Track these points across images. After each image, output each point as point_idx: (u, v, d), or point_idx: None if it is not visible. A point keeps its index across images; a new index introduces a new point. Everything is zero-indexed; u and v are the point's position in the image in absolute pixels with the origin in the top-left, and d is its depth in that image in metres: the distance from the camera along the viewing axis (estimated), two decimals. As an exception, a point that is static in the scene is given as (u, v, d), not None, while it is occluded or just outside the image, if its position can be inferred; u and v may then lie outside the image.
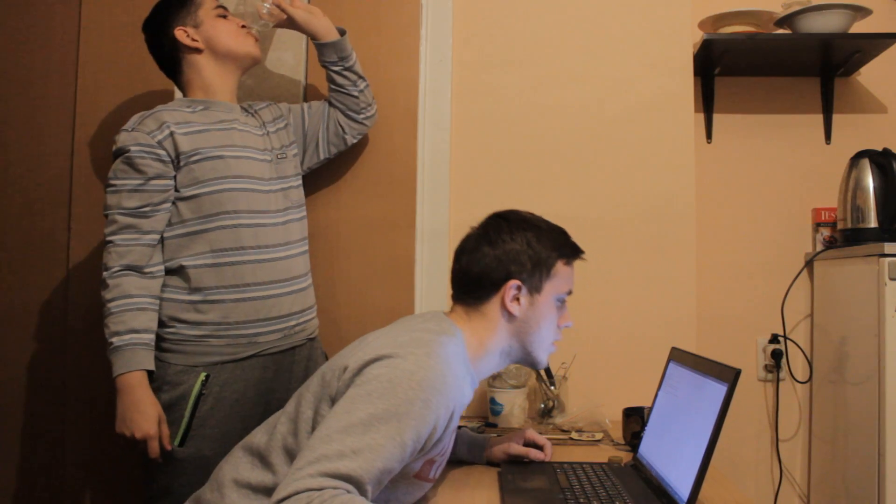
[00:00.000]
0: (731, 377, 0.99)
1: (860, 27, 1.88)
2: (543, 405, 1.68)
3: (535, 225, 1.16)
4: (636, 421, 1.46)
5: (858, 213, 1.84)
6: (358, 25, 1.75)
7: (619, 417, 1.56)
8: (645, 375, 1.67)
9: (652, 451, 1.22)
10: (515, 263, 1.11)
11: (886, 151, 1.82)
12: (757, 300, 2.04)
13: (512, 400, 1.67)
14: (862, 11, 1.83)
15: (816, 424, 1.98)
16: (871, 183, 1.82)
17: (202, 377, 1.35)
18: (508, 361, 1.17)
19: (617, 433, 1.57)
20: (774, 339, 2.01)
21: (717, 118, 2.08)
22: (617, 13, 1.89)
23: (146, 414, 1.28)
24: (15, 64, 1.85)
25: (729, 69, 2.01)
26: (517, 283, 1.11)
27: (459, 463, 1.35)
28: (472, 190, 1.88)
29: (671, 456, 1.12)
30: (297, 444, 0.99)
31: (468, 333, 1.10)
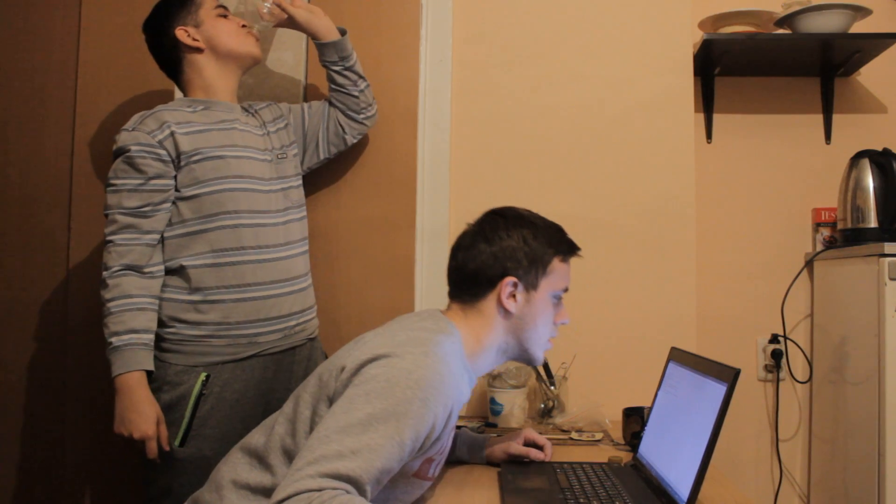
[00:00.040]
0: (730, 377, 0.99)
1: (860, 27, 1.88)
2: (543, 405, 1.68)
3: (531, 222, 1.15)
4: (636, 421, 1.46)
5: (858, 213, 1.84)
6: (358, 25, 1.75)
7: (619, 417, 1.56)
8: (645, 375, 1.67)
9: (652, 451, 1.22)
10: (512, 260, 1.11)
11: (886, 151, 1.82)
12: (757, 300, 2.04)
13: (512, 400, 1.67)
14: (862, 11, 1.83)
15: (816, 424, 1.98)
16: (871, 183, 1.82)
17: (202, 377, 1.35)
18: (505, 358, 1.17)
19: (617, 433, 1.57)
20: (774, 339, 2.01)
21: (717, 118, 2.08)
22: (617, 13, 1.89)
23: (145, 414, 1.28)
24: (15, 64, 1.85)
25: (729, 69, 2.01)
26: (513, 279, 1.11)
27: (459, 463, 1.35)
28: (472, 190, 1.88)
29: (671, 456, 1.12)
30: (295, 444, 0.98)
31: (465, 331, 1.10)
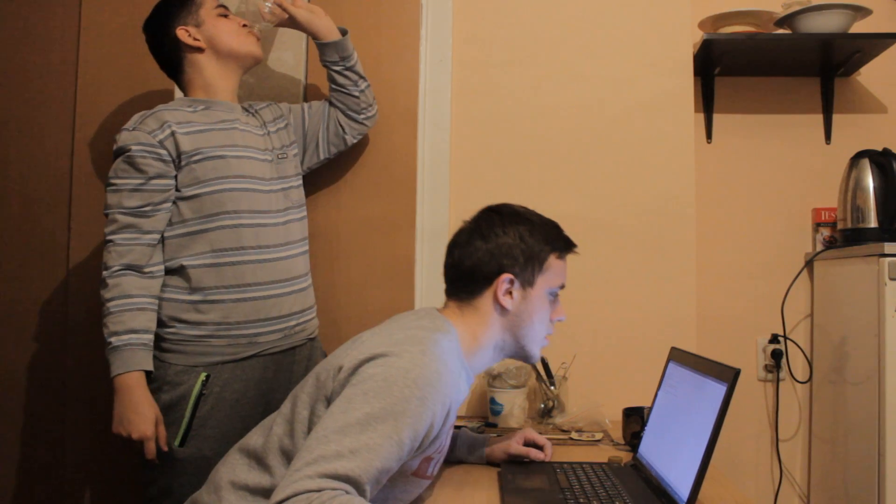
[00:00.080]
0: (730, 377, 0.99)
1: (860, 27, 1.88)
2: (543, 405, 1.68)
3: (527, 219, 1.16)
4: (636, 421, 1.46)
5: (858, 213, 1.84)
6: (358, 25, 1.75)
7: (619, 417, 1.56)
8: (645, 375, 1.67)
9: (652, 450, 1.22)
10: (508, 257, 1.11)
11: (886, 151, 1.82)
12: (757, 300, 2.04)
13: (512, 400, 1.67)
14: (862, 11, 1.83)
15: (816, 424, 1.98)
16: (871, 183, 1.82)
17: (202, 377, 1.35)
18: (502, 356, 1.17)
19: (617, 433, 1.57)
20: (774, 339, 2.01)
21: (717, 118, 2.08)
22: (617, 13, 1.89)
23: (143, 415, 1.28)
24: (15, 64, 1.85)
25: (729, 69, 2.01)
26: (510, 276, 1.11)
27: (459, 463, 1.35)
28: (472, 190, 1.88)
29: (671, 456, 1.12)
30: (293, 445, 0.98)
31: (462, 329, 1.10)
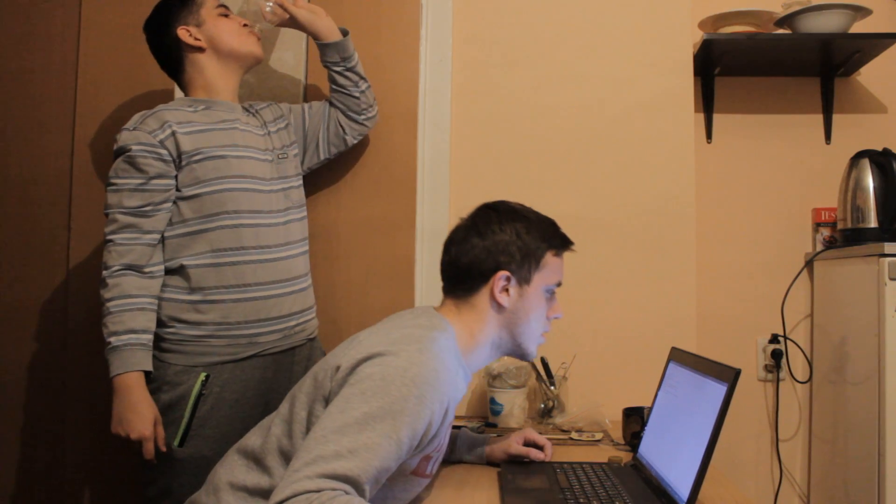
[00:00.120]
0: (730, 377, 0.99)
1: (860, 27, 1.88)
2: (543, 405, 1.68)
3: (524, 216, 1.15)
4: (636, 421, 1.46)
5: (858, 213, 1.84)
6: (358, 25, 1.75)
7: (619, 417, 1.56)
8: (645, 375, 1.67)
9: (652, 451, 1.22)
10: (504, 254, 1.11)
11: (886, 151, 1.82)
12: (757, 300, 2.04)
13: (512, 400, 1.67)
14: (862, 11, 1.83)
15: (816, 424, 1.98)
16: (871, 183, 1.82)
17: (202, 377, 1.35)
18: (499, 354, 1.17)
19: (617, 433, 1.57)
20: (774, 339, 2.01)
21: (717, 118, 2.08)
22: (617, 13, 1.89)
23: (142, 415, 1.28)
24: (15, 64, 1.85)
25: (729, 69, 2.01)
26: (506, 273, 1.11)
27: (459, 463, 1.35)
28: (472, 190, 1.88)
29: (671, 456, 1.12)
30: (292, 445, 0.98)
31: (459, 326, 1.10)
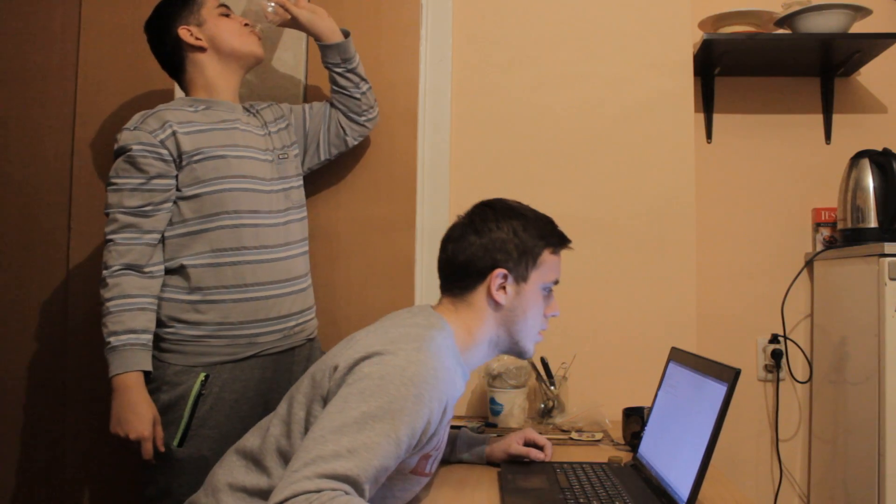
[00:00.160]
0: (730, 377, 0.99)
1: (860, 27, 1.88)
2: (543, 405, 1.68)
3: (521, 213, 1.15)
4: (636, 421, 1.45)
5: (858, 213, 1.84)
6: (358, 25, 1.75)
7: (619, 417, 1.56)
8: (645, 375, 1.67)
9: (652, 451, 1.22)
10: (501, 252, 1.11)
11: (886, 151, 1.82)
12: (757, 300, 2.04)
13: (512, 400, 1.67)
14: (862, 11, 1.83)
15: (816, 424, 1.98)
16: (871, 183, 1.82)
17: (201, 377, 1.35)
18: (497, 352, 1.17)
19: (617, 433, 1.57)
20: (774, 339, 2.01)
21: (717, 118, 2.08)
22: (617, 13, 1.89)
23: (141, 415, 1.28)
24: (15, 64, 1.85)
25: (729, 69, 2.01)
26: (503, 271, 1.11)
27: (459, 463, 1.35)
28: (472, 190, 1.88)
29: (671, 456, 1.12)
30: (290, 445, 0.98)
31: (456, 325, 1.10)
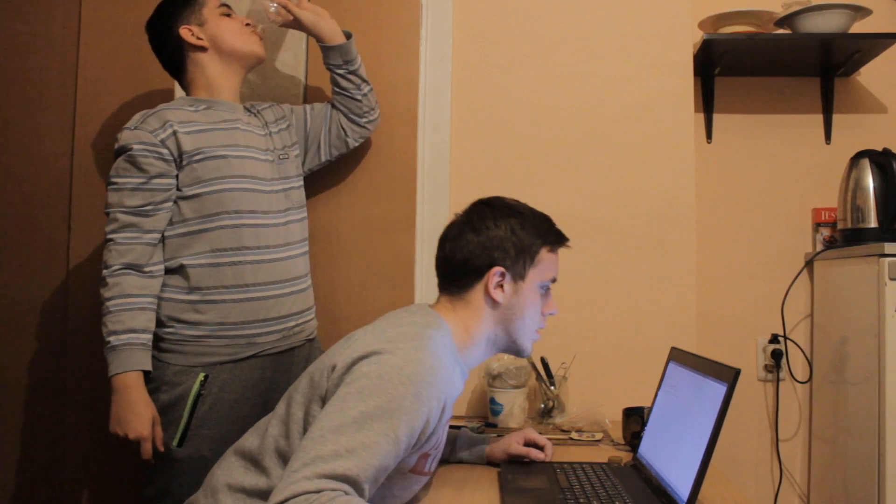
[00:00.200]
0: (730, 377, 0.99)
1: (860, 27, 1.88)
2: (543, 405, 1.68)
3: (519, 212, 1.15)
4: (636, 421, 1.45)
5: (858, 213, 1.84)
6: (358, 25, 1.75)
7: (619, 417, 1.56)
8: (645, 375, 1.67)
9: (652, 451, 1.22)
10: (499, 250, 1.11)
11: (886, 151, 1.82)
12: (757, 300, 2.04)
13: (512, 400, 1.67)
14: (862, 11, 1.83)
15: (816, 424, 1.98)
16: (871, 183, 1.82)
17: (201, 377, 1.35)
18: (495, 350, 1.17)
19: (617, 433, 1.57)
20: (774, 339, 2.01)
21: (717, 118, 2.08)
22: (617, 13, 1.89)
23: (140, 415, 1.28)
24: (15, 64, 1.85)
25: (729, 69, 2.01)
26: (501, 269, 1.10)
27: (459, 463, 1.35)
28: (471, 190, 1.86)
29: (671, 456, 1.12)
30: (289, 445, 0.98)
31: (454, 323, 1.10)
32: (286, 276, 1.46)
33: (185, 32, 1.45)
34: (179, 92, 1.74)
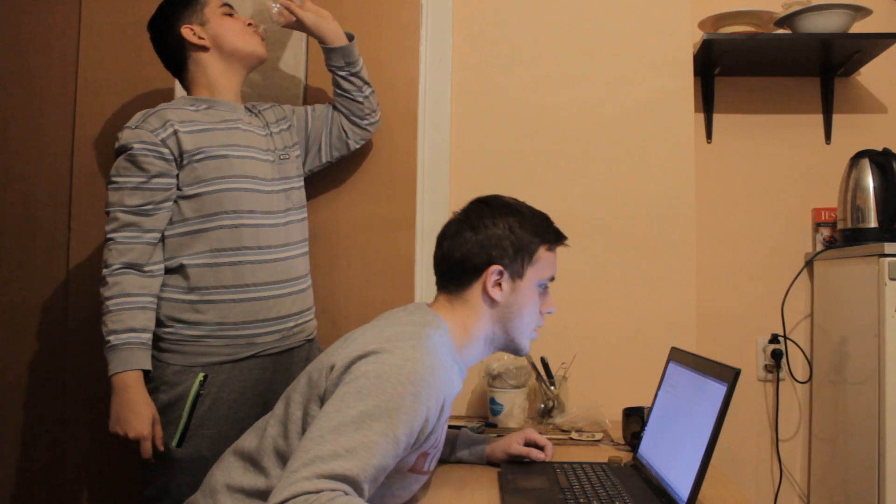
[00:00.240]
0: (730, 377, 0.99)
1: (860, 27, 1.88)
2: (543, 405, 1.68)
3: (517, 210, 1.15)
4: (636, 421, 1.46)
5: (858, 213, 1.84)
6: (358, 26, 1.75)
7: (619, 417, 1.56)
8: (645, 375, 1.67)
9: (652, 451, 1.22)
10: (497, 248, 1.11)
11: (886, 151, 1.82)
12: (757, 300, 2.04)
13: (512, 400, 1.67)
14: (862, 11, 1.83)
15: (816, 424, 1.98)
16: (871, 183, 1.82)
17: (200, 377, 1.35)
18: (493, 349, 1.17)
19: (617, 433, 1.57)
20: (774, 339, 2.01)
21: (717, 118, 2.08)
22: (617, 13, 1.89)
23: (140, 414, 1.28)
24: (15, 64, 1.85)
25: (729, 69, 2.01)
26: (499, 268, 1.10)
27: (459, 463, 1.35)
28: (471, 190, 1.85)
29: (671, 456, 1.12)
30: (288, 445, 0.98)
31: (452, 322, 1.10)
32: (286, 276, 1.46)
33: (186, 32, 1.45)
34: (179, 92, 1.74)
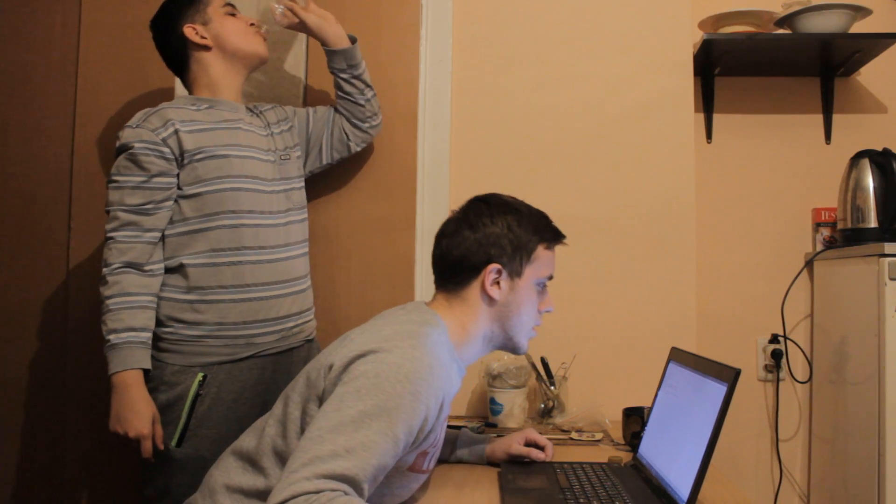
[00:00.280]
0: (730, 377, 0.99)
1: (860, 27, 1.88)
2: (543, 405, 1.67)
3: (515, 209, 1.15)
4: (636, 421, 1.46)
5: (858, 213, 1.84)
6: (358, 26, 1.75)
7: (619, 417, 1.56)
8: (645, 375, 1.67)
9: (652, 451, 1.22)
10: (496, 247, 1.11)
11: (886, 151, 1.82)
12: (757, 300, 2.04)
13: (512, 400, 1.67)
14: (862, 11, 1.83)
15: (816, 424, 1.98)
16: (871, 183, 1.82)
17: (199, 377, 1.35)
18: (491, 347, 1.17)
19: (617, 433, 1.57)
20: (774, 339, 2.01)
21: (717, 118, 2.08)
22: (617, 13, 1.89)
23: (140, 413, 1.28)
24: (15, 64, 1.85)
25: (729, 69, 2.01)
26: (497, 266, 1.10)
27: (459, 463, 1.35)
28: (472, 190, 1.84)
29: (671, 456, 1.12)
30: (286, 445, 0.98)
31: (450, 321, 1.10)
32: (286, 276, 1.46)
33: (189, 31, 1.45)
34: (180, 91, 1.74)
